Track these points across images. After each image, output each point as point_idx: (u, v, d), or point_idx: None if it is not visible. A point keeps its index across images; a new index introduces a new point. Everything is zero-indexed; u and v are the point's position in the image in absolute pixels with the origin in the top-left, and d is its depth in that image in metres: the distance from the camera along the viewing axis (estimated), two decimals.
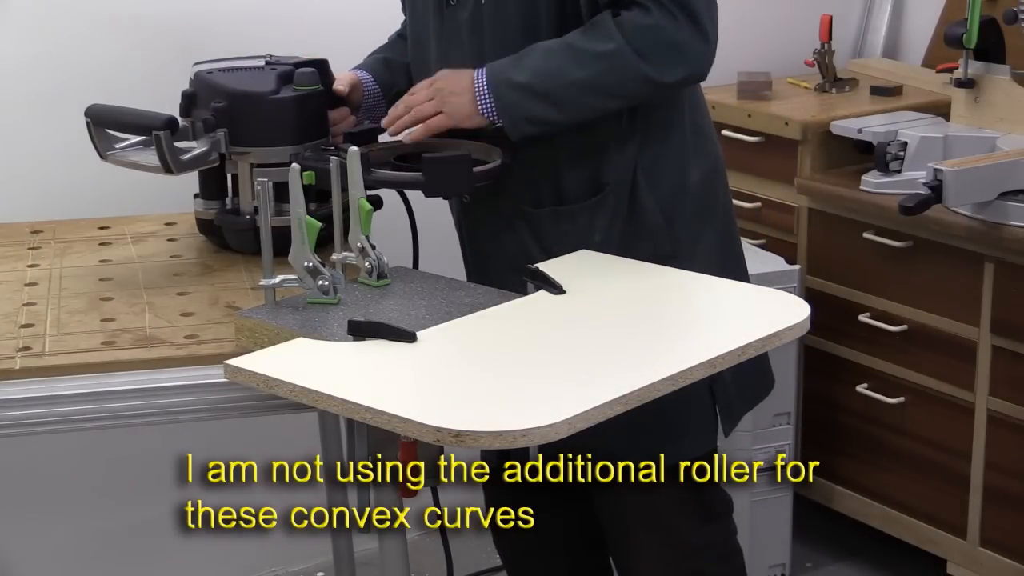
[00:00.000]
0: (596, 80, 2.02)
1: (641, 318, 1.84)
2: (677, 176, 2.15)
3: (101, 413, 1.81)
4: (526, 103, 2.04)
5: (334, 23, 3.00)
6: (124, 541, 2.95)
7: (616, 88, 2.04)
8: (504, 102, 2.05)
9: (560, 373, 1.67)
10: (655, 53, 2.01)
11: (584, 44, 2.03)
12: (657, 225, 2.13)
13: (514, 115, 2.05)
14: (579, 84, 2.02)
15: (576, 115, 2.06)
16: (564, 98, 2.04)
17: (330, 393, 1.60)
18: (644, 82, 2.03)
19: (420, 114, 2.10)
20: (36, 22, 2.72)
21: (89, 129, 2.17)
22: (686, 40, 2.02)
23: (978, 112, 2.90)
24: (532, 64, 2.04)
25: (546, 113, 2.04)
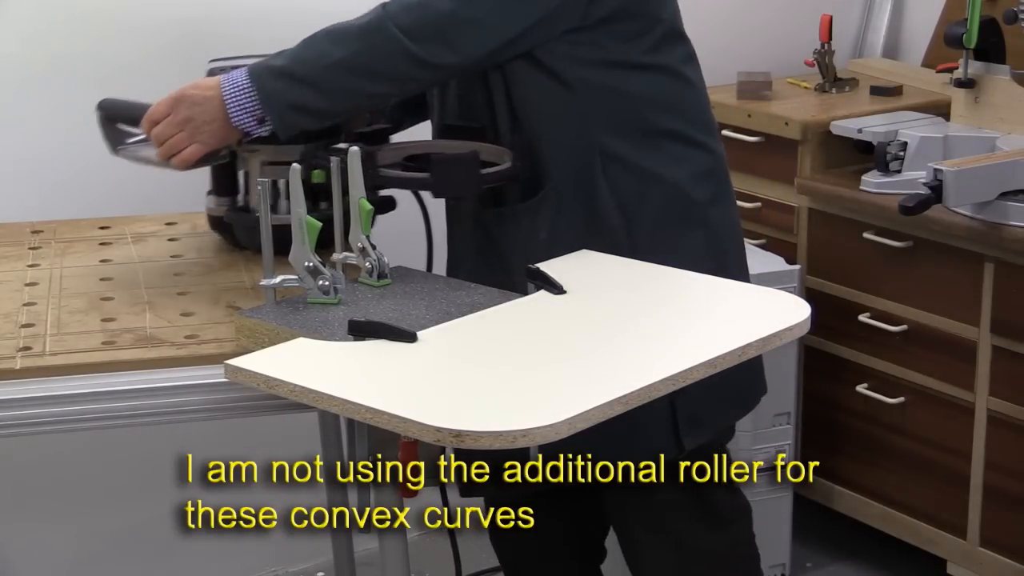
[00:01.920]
0: (357, 60, 1.95)
1: (641, 318, 1.84)
2: (641, 180, 2.09)
3: (101, 413, 1.81)
4: (288, 90, 1.96)
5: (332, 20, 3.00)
6: (124, 541, 2.95)
7: (380, 67, 1.96)
8: (266, 92, 1.96)
9: (560, 373, 1.67)
10: (419, 28, 1.94)
11: (345, 24, 1.97)
12: (614, 227, 2.08)
13: (277, 105, 1.96)
14: (340, 64, 1.95)
15: (342, 100, 1.99)
16: (324, 80, 1.96)
17: (330, 393, 1.60)
18: (411, 61, 1.95)
19: (173, 148, 2.02)
20: (36, 22, 2.72)
21: (100, 123, 2.16)
22: (452, 14, 1.94)
23: (978, 112, 2.90)
24: (292, 51, 1.98)
25: (309, 99, 1.96)
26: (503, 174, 2.06)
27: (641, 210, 2.09)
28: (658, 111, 2.11)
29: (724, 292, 1.92)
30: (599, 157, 2.07)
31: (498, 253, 2.11)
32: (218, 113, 1.98)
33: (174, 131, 2.00)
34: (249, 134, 1.99)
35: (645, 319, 1.84)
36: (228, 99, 1.97)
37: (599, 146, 2.07)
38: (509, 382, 1.65)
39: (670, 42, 2.13)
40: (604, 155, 2.07)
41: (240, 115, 1.98)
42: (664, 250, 2.08)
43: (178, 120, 2.00)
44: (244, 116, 1.98)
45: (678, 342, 1.76)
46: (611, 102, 2.07)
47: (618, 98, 2.07)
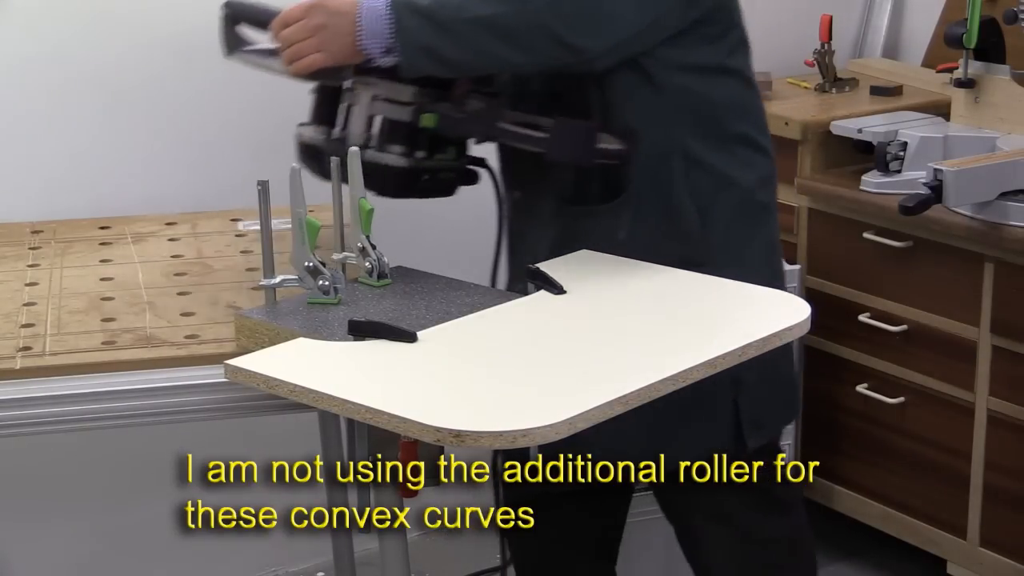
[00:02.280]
0: (498, 21, 1.91)
1: (641, 318, 1.84)
2: (718, 184, 2.10)
3: (101, 413, 1.81)
4: (422, 30, 1.92)
5: None
6: (124, 541, 2.95)
7: (517, 35, 1.92)
8: (401, 25, 1.92)
9: (560, 373, 1.67)
10: (567, 9, 1.91)
11: None
12: (690, 230, 2.08)
13: (408, 41, 1.92)
14: (480, 21, 1.91)
15: (472, 58, 1.95)
16: (461, 32, 1.92)
17: (330, 393, 1.60)
18: (549, 38, 1.92)
19: (298, 52, 1.98)
20: (36, 22, 2.72)
21: (222, 23, 2.10)
22: (602, 4, 1.93)
23: (978, 112, 2.90)
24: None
25: (441, 46, 1.92)
26: (616, 153, 2.01)
27: (716, 213, 2.10)
28: (732, 115, 2.12)
29: (724, 292, 1.92)
30: (681, 160, 2.07)
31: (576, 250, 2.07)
32: (349, 29, 1.94)
33: (304, 35, 1.96)
34: (371, 61, 1.95)
35: (645, 319, 1.84)
36: (362, 20, 1.93)
37: (682, 149, 2.07)
38: (509, 382, 1.65)
39: (742, 48, 2.15)
40: (686, 158, 2.07)
41: (369, 39, 1.94)
42: (735, 253, 2.10)
43: (311, 25, 1.95)
44: (372, 41, 1.94)
45: (678, 342, 1.76)
46: (695, 105, 2.07)
47: (701, 101, 2.07)
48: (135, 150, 2.83)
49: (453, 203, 3.17)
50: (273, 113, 2.97)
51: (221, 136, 2.91)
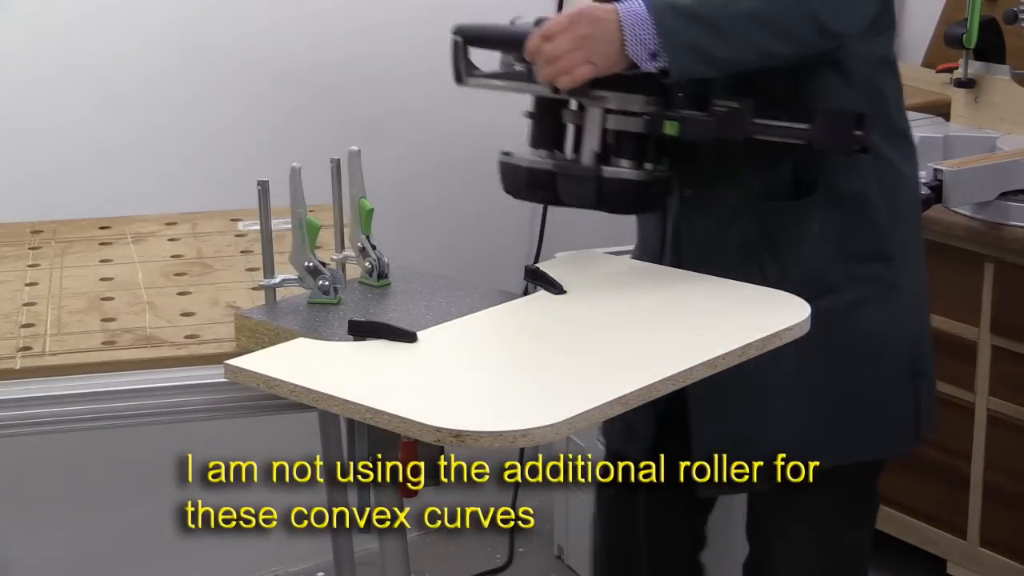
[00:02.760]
0: (764, 12, 1.87)
1: (641, 318, 1.84)
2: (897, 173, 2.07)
3: (101, 413, 1.81)
4: (687, 30, 1.86)
5: (335, 22, 3.00)
6: (124, 541, 2.95)
7: (784, 25, 1.88)
8: (666, 27, 1.86)
9: (560, 373, 1.67)
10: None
11: None
12: (879, 220, 2.05)
13: (675, 42, 1.86)
14: (746, 14, 1.86)
15: (741, 53, 1.89)
16: (728, 28, 1.87)
17: (330, 393, 1.60)
18: (813, 24, 1.89)
19: (567, 65, 1.88)
20: (36, 22, 2.72)
21: (455, 50, 2.01)
22: None
23: (978, 112, 2.90)
24: None
25: (709, 43, 1.86)
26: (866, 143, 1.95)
27: (900, 204, 2.08)
28: (895, 108, 2.10)
29: (724, 292, 1.92)
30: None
31: (770, 248, 2.03)
32: (614, 37, 1.87)
33: (570, 47, 1.88)
34: (636, 66, 1.88)
35: (645, 319, 1.83)
36: (626, 26, 1.87)
37: None
38: (509, 382, 1.65)
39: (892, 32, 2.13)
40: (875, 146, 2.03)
41: (635, 45, 1.87)
42: (914, 243, 2.10)
43: (578, 36, 1.88)
44: (638, 47, 1.87)
45: (678, 342, 1.76)
46: (874, 98, 2.04)
47: (877, 94, 2.05)
48: (135, 150, 2.84)
49: (453, 203, 3.18)
50: (273, 113, 2.98)
51: (221, 136, 2.91)
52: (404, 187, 3.08)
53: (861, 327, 2.04)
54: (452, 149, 3.17)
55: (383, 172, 2.66)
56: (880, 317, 2.05)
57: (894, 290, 2.07)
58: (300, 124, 2.96)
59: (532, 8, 3.23)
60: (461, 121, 3.17)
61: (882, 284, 2.05)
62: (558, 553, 3.22)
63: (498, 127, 3.30)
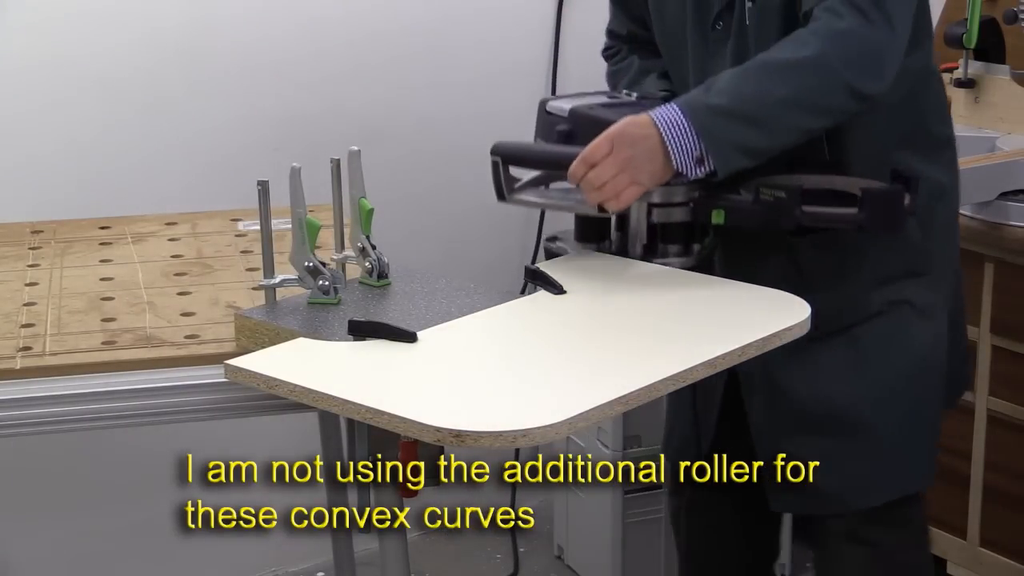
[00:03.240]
0: (800, 95, 1.85)
1: (641, 318, 1.84)
2: (932, 194, 2.03)
3: (101, 413, 1.81)
4: (729, 129, 1.85)
5: (335, 22, 3.00)
6: (124, 541, 2.95)
7: (821, 101, 1.87)
8: (708, 130, 1.84)
9: (560, 373, 1.67)
10: (855, 59, 1.85)
11: (779, 56, 1.87)
12: (917, 246, 2.03)
13: (720, 144, 1.85)
14: (784, 101, 1.85)
15: (783, 139, 1.88)
16: (768, 118, 1.85)
17: (330, 393, 1.60)
18: (848, 93, 1.86)
19: (614, 190, 1.87)
20: (36, 22, 2.72)
21: (496, 169, 2.00)
22: (884, 43, 1.86)
23: (978, 112, 2.90)
24: (726, 87, 1.86)
25: (751, 138, 1.85)
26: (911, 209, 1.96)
27: (934, 222, 2.05)
28: (935, 118, 2.07)
29: (724, 292, 1.92)
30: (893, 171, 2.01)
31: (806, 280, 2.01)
32: (657, 152, 1.85)
33: (615, 171, 1.86)
34: (683, 175, 1.87)
35: (645, 319, 1.83)
36: (668, 138, 1.85)
37: (894, 159, 2.01)
38: (509, 382, 1.65)
39: (931, 40, 2.07)
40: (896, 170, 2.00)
41: (680, 155, 1.86)
42: (950, 258, 2.09)
43: (620, 159, 1.85)
44: (684, 156, 1.86)
45: (678, 342, 1.76)
46: (906, 115, 2.01)
47: (910, 110, 2.01)
48: (135, 150, 2.84)
49: (453, 203, 3.18)
50: (273, 113, 2.98)
51: (221, 136, 2.91)
52: (404, 187, 3.07)
53: (908, 355, 2.04)
54: (452, 149, 3.17)
55: (383, 172, 2.66)
56: (922, 339, 2.05)
57: (932, 309, 2.06)
58: (300, 124, 2.96)
59: (532, 8, 3.24)
60: (461, 121, 3.17)
61: (919, 304, 2.04)
62: (558, 553, 3.22)
63: (498, 127, 3.30)
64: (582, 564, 3.14)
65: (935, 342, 2.08)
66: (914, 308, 2.05)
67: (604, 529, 2.97)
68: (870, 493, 2.07)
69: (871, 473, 2.06)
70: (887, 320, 2.04)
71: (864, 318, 2.04)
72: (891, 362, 2.04)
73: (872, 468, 2.06)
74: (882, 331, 2.04)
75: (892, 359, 2.04)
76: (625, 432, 2.91)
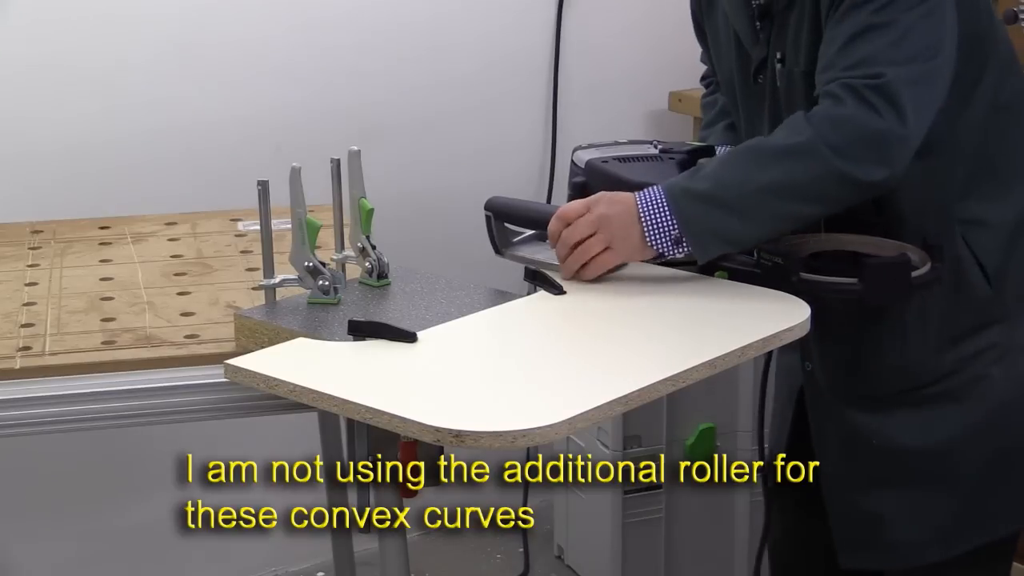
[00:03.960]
0: (785, 182, 1.79)
1: (641, 318, 1.84)
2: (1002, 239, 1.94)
3: (101, 413, 1.81)
4: (709, 216, 1.81)
5: (336, 22, 3.00)
6: (124, 541, 2.95)
7: (810, 189, 1.80)
8: (685, 216, 1.82)
9: (560, 373, 1.67)
10: (850, 147, 1.77)
11: (770, 142, 1.82)
12: (986, 298, 1.94)
13: (697, 230, 1.82)
14: (766, 188, 1.79)
15: (767, 225, 1.83)
16: (750, 207, 1.80)
17: (330, 393, 1.60)
18: (842, 181, 1.78)
19: (586, 253, 1.87)
20: (36, 22, 2.72)
21: (489, 223, 2.03)
22: (888, 130, 1.77)
23: None
24: (711, 172, 1.83)
25: (732, 226, 1.81)
26: (928, 278, 1.87)
27: (1008, 269, 1.95)
28: (1005, 155, 1.96)
29: (724, 292, 1.91)
30: (956, 222, 1.92)
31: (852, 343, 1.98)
32: (634, 229, 1.85)
33: (588, 231, 1.86)
34: (663, 255, 1.87)
35: (645, 319, 1.83)
36: (645, 217, 1.84)
37: (958, 213, 1.92)
38: (509, 382, 1.65)
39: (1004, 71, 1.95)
40: (963, 221, 1.93)
41: (657, 236, 1.85)
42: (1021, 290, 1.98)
43: (593, 218, 1.86)
44: (661, 237, 1.85)
45: (678, 342, 1.76)
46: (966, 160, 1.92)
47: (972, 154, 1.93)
48: (135, 150, 2.84)
49: (453, 203, 3.18)
50: (273, 113, 2.98)
51: (221, 136, 2.91)
52: (404, 187, 3.08)
53: (987, 401, 1.96)
54: (452, 149, 3.17)
55: (383, 172, 2.66)
56: (1001, 385, 1.97)
57: (1011, 353, 1.97)
58: (300, 124, 2.96)
59: (532, 7, 3.24)
60: (461, 121, 3.17)
61: (996, 352, 1.96)
62: (558, 553, 3.22)
63: (498, 127, 3.31)
64: (582, 564, 3.14)
65: (1019, 383, 1.98)
66: (991, 355, 1.97)
67: (604, 529, 2.97)
68: (951, 543, 2.00)
69: (950, 523, 2.00)
70: (960, 376, 1.96)
71: (936, 379, 1.97)
72: (969, 409, 1.96)
73: (951, 518, 2.00)
74: (956, 384, 1.96)
75: (970, 407, 1.96)
76: (625, 432, 2.91)
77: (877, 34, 1.80)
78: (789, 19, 1.93)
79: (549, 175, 3.26)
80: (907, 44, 1.80)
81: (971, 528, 2.00)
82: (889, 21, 1.80)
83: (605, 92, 3.30)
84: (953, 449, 1.98)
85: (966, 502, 1.99)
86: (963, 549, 2.00)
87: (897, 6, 1.80)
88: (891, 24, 1.80)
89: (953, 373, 1.96)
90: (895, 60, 1.79)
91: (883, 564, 2.05)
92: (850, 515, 2.04)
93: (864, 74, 1.78)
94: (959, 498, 1.99)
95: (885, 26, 1.80)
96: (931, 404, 1.97)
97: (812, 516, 2.14)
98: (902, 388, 1.98)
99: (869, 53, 1.79)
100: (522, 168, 3.26)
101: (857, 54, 1.80)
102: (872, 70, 1.78)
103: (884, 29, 1.79)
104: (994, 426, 1.97)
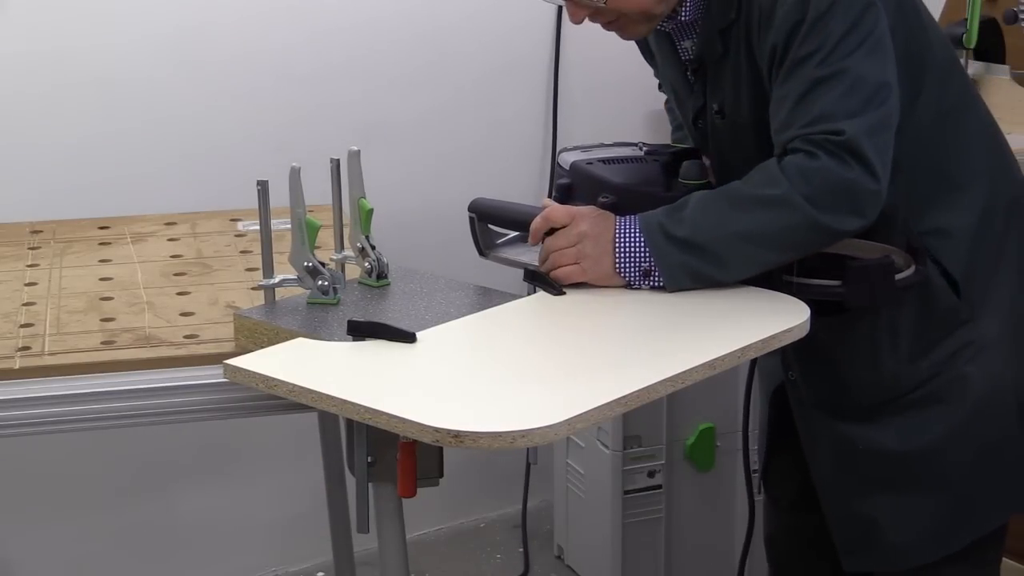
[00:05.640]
0: (761, 230, 1.84)
1: (641, 319, 1.84)
2: (965, 244, 1.95)
3: (101, 413, 1.81)
4: (681, 255, 1.86)
5: (336, 23, 3.00)
6: (124, 541, 2.95)
7: (784, 238, 1.84)
8: (659, 252, 1.87)
9: (560, 373, 1.67)
10: (824, 198, 1.80)
11: (747, 190, 1.85)
12: (953, 305, 1.95)
13: (669, 267, 1.87)
14: (742, 236, 1.84)
15: (738, 269, 1.87)
16: (723, 250, 1.85)
17: (330, 393, 1.60)
18: (816, 231, 1.83)
19: (559, 260, 1.92)
20: (36, 22, 2.72)
21: (472, 225, 2.06)
22: (859, 183, 1.80)
23: None
24: (688, 216, 1.86)
25: (704, 267, 1.86)
26: (912, 280, 1.91)
27: (974, 275, 1.97)
28: (964, 158, 1.98)
29: (724, 293, 1.91)
30: (921, 235, 1.94)
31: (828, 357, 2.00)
32: (606, 255, 1.89)
33: (566, 243, 1.91)
34: (631, 285, 1.90)
35: (645, 319, 1.84)
36: (619, 248, 1.89)
37: (919, 224, 1.94)
38: (509, 382, 1.65)
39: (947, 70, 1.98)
40: (923, 231, 1.94)
41: (627, 265, 1.89)
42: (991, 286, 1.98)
43: (574, 235, 1.90)
44: (631, 267, 1.89)
45: (678, 343, 1.76)
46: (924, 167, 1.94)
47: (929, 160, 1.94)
48: (135, 150, 2.84)
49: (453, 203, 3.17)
50: (273, 113, 2.98)
51: (221, 136, 2.91)
52: (404, 187, 3.08)
53: (968, 400, 1.97)
54: (452, 149, 3.17)
55: (383, 172, 2.66)
56: (980, 383, 1.98)
57: (985, 350, 1.98)
58: (300, 124, 2.96)
59: (532, 7, 3.24)
60: (461, 121, 3.17)
61: (970, 350, 1.97)
62: (558, 553, 3.22)
63: (498, 127, 3.31)
64: (582, 564, 3.14)
65: (995, 378, 1.99)
66: (966, 354, 1.98)
67: (604, 529, 2.97)
68: (947, 541, 2.02)
69: (943, 522, 2.01)
70: (939, 380, 1.98)
71: (916, 385, 1.98)
72: (952, 410, 1.98)
73: (944, 517, 2.01)
74: (936, 387, 1.98)
75: (953, 407, 1.98)
76: (625, 432, 2.91)
77: (827, 87, 1.81)
78: (724, 71, 1.94)
79: (549, 175, 3.26)
80: (858, 91, 1.81)
81: (965, 524, 2.01)
82: (835, 72, 1.81)
83: (605, 93, 3.30)
84: (940, 450, 1.99)
85: (957, 500, 2.00)
86: (959, 546, 2.02)
87: (838, 53, 1.81)
88: (838, 75, 1.81)
89: (932, 378, 1.98)
90: (851, 111, 1.80)
91: (882, 567, 2.07)
92: (847, 520, 2.05)
93: (823, 130, 1.80)
94: (951, 497, 2.00)
95: (832, 77, 1.81)
96: (914, 409, 1.98)
97: (808, 511, 2.15)
98: (883, 399, 1.99)
99: (824, 109, 1.81)
100: (522, 169, 3.26)
101: (812, 111, 1.81)
102: (831, 126, 1.80)
103: (832, 81, 1.81)
104: (977, 423, 1.99)
